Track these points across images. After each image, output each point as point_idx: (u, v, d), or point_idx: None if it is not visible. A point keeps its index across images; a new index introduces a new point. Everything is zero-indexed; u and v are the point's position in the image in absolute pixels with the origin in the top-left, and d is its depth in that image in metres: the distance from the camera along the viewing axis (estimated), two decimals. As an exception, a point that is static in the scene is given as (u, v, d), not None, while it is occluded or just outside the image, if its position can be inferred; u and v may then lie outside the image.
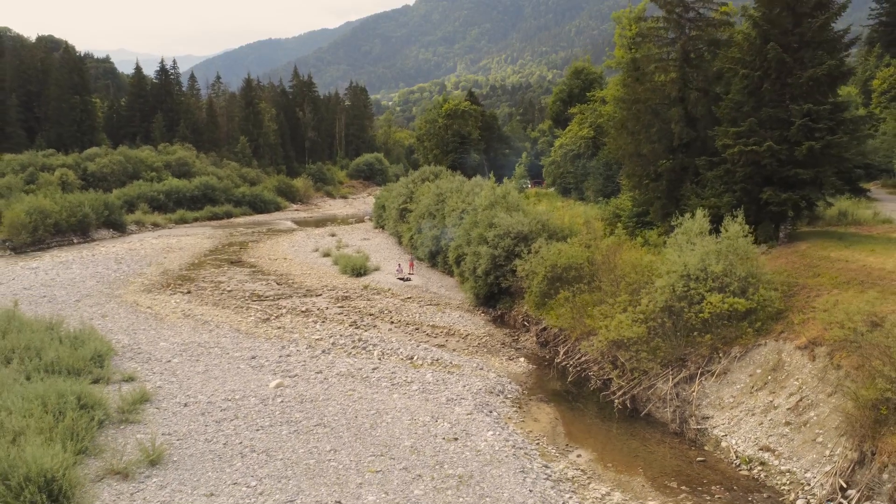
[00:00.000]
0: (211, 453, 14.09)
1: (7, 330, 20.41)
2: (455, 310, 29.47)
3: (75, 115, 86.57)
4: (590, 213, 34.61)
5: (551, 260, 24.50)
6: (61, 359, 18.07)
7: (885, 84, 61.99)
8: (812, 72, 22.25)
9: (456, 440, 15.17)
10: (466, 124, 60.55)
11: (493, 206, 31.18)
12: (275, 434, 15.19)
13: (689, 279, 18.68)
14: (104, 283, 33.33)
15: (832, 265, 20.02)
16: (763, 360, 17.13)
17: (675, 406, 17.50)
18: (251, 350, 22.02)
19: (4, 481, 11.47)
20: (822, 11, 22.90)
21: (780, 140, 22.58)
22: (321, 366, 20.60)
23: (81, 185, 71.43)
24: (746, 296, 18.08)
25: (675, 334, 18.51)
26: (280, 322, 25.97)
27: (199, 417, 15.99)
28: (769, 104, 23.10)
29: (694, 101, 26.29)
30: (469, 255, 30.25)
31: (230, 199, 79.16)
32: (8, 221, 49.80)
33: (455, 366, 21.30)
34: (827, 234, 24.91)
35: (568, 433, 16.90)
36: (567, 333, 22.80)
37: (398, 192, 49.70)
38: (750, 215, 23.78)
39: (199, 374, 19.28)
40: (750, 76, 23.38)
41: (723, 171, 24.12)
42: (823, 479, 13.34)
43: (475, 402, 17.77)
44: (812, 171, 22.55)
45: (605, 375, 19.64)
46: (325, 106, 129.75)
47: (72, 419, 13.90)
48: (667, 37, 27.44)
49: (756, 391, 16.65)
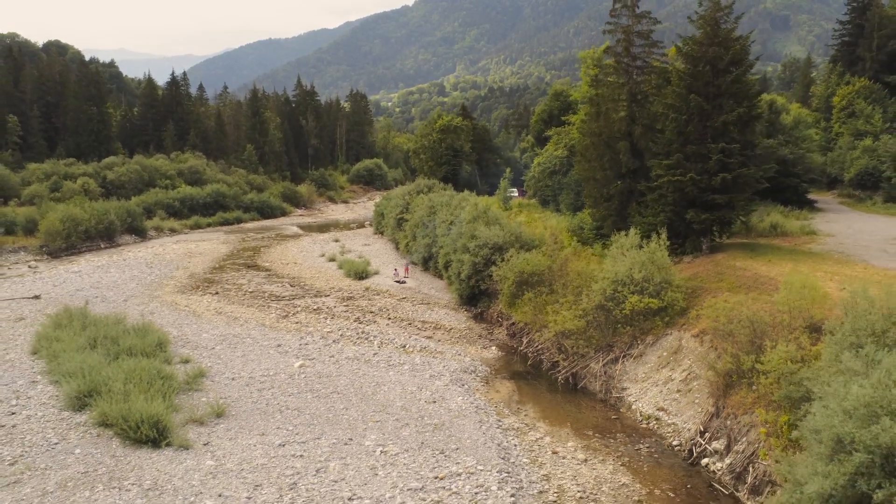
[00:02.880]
0: (257, 410, 19.64)
1: (86, 324, 25.97)
2: (442, 308, 35.02)
3: (92, 125, 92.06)
4: (560, 225, 40.09)
5: (519, 267, 30.02)
6: (134, 345, 23.56)
7: (843, 101, 67.61)
8: (725, 117, 27.76)
9: (434, 403, 20.73)
10: (459, 138, 66.16)
11: (475, 220, 36.71)
12: (302, 398, 20.74)
13: (618, 284, 24.20)
14: (143, 285, 38.87)
15: (734, 272, 25.54)
16: (668, 346, 22.66)
17: (603, 381, 23.05)
18: (276, 340, 27.58)
19: (126, 422, 17.02)
20: (736, 67, 28.44)
21: (700, 171, 28.09)
22: (333, 352, 26.15)
23: (102, 192, 77.00)
24: (660, 297, 23.59)
25: (606, 326, 24.05)
26: (297, 318, 31.52)
27: (244, 387, 21.54)
28: (693, 142, 28.58)
29: (639, 136, 31.78)
30: (455, 261, 35.80)
31: (240, 206, 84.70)
32: (44, 228, 55.36)
33: (439, 352, 26.85)
34: (744, 246, 30.43)
35: (520, 400, 22.43)
36: (529, 327, 28.35)
37: (395, 203, 55.27)
38: (680, 231, 29.47)
39: (239, 358, 24.83)
40: (678, 119, 28.90)
41: (658, 196, 29.66)
42: (692, 426, 18.89)
43: (451, 377, 23.32)
44: (726, 196, 28.06)
45: (554, 359, 25.21)
46: (327, 113, 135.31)
47: (159, 385, 19.45)
48: (618, 81, 32.93)
49: (661, 368, 22.19)
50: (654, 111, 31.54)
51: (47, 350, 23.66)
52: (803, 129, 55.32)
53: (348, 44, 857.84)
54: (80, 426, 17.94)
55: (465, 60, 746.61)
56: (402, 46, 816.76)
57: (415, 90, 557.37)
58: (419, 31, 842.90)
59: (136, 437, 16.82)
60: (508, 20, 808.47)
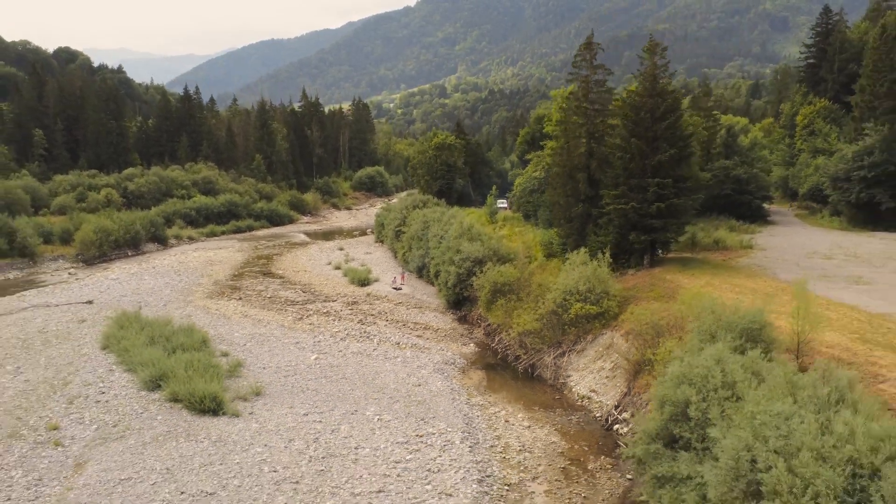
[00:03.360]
0: (285, 391, 26.00)
1: (143, 325, 32.37)
2: (432, 311, 41.39)
3: (112, 137, 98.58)
4: (536, 239, 46.38)
5: (494, 278, 36.36)
6: (185, 342, 29.92)
7: (805, 120, 73.87)
8: (660, 157, 34.02)
9: (419, 386, 27.08)
10: (452, 155, 72.52)
11: (461, 236, 43.07)
12: (318, 382, 27.10)
13: (567, 293, 30.51)
14: (176, 291, 45.27)
15: (662, 284, 31.81)
16: (603, 343, 28.97)
17: (553, 370, 29.38)
18: (294, 338, 33.94)
19: (192, 397, 23.38)
20: (670, 115, 34.69)
21: (640, 201, 34.33)
22: (341, 348, 32.51)
23: (123, 202, 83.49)
24: (598, 304, 29.87)
25: (557, 327, 30.37)
26: (310, 320, 37.89)
27: (273, 374, 27.91)
28: (635, 177, 34.83)
29: (595, 169, 38.03)
30: (443, 271, 42.17)
31: (250, 214, 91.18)
32: (79, 238, 61.90)
33: (426, 348, 33.20)
34: (681, 260, 36.70)
35: (487, 385, 28.76)
36: (501, 327, 34.68)
37: (394, 217, 61.65)
38: (626, 249, 35.77)
39: (266, 352, 31.21)
40: (623, 157, 35.18)
41: (607, 219, 35.95)
42: (610, 402, 25.22)
43: (434, 367, 29.69)
44: (661, 221, 34.30)
45: (516, 353, 31.55)
46: (331, 121, 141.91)
47: (211, 372, 25.84)
48: (578, 121, 39.20)
49: (596, 360, 28.50)
50: (608, 148, 37.81)
51: (116, 346, 30.04)
52: (758, 151, 61.70)
53: (350, 44, 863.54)
54: (156, 401, 24.33)
55: (467, 61, 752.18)
56: (404, 47, 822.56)
57: (416, 91, 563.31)
58: (421, 32, 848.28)
59: (201, 408, 23.20)
60: (510, 21, 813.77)
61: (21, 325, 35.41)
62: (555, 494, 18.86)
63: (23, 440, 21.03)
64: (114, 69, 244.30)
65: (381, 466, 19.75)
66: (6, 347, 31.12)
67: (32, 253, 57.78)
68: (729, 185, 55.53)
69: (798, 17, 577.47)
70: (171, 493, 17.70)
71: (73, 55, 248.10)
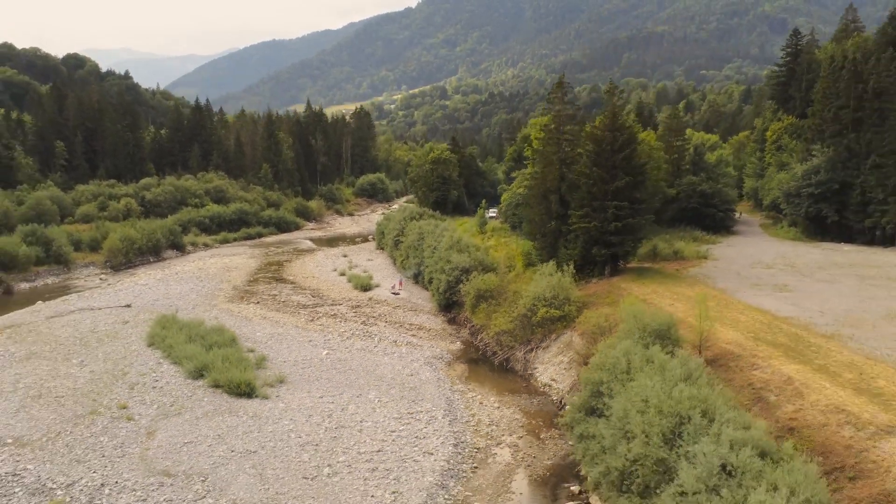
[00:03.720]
0: (303, 379, 32.15)
1: (181, 326, 38.54)
2: (425, 314, 47.52)
3: (128, 149, 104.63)
4: (518, 249, 52.46)
5: (478, 285, 42.49)
6: (218, 340, 36.04)
7: (774, 135, 79.90)
8: (618, 183, 40.11)
9: (411, 376, 33.23)
10: (448, 169, 78.74)
11: (451, 248, 49.21)
12: (329, 373, 33.25)
13: (535, 299, 36.61)
14: (201, 296, 51.44)
15: (617, 291, 37.90)
16: (564, 341, 35.07)
17: (523, 363, 35.50)
18: (308, 337, 40.10)
19: (230, 384, 29.53)
20: (626, 148, 40.75)
21: (601, 220, 40.41)
22: (347, 345, 38.66)
23: (142, 211, 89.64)
24: (561, 309, 35.96)
25: (527, 328, 36.47)
26: (320, 322, 44.04)
27: (293, 367, 34.06)
28: (597, 199, 40.87)
29: (565, 191, 44.11)
30: (435, 278, 48.31)
31: (259, 221, 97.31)
32: (107, 246, 68.10)
33: (419, 345, 39.34)
34: (638, 270, 42.80)
35: (468, 376, 34.87)
36: (483, 328, 40.79)
37: (393, 227, 67.84)
38: (590, 261, 41.87)
39: (285, 349, 37.36)
40: (587, 182, 41.27)
41: (574, 235, 42.05)
42: (565, 387, 31.33)
43: (424, 361, 35.84)
44: (619, 237, 40.39)
45: (494, 349, 37.69)
46: (333, 129, 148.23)
47: (243, 364, 31.99)
48: (552, 150, 45.30)
49: (558, 355, 34.61)
50: (575, 175, 43.89)
51: (161, 343, 36.20)
52: (723, 168, 67.75)
53: (352, 45, 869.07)
54: (201, 387, 30.49)
55: (468, 62, 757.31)
56: (405, 48, 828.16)
57: (417, 93, 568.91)
58: (422, 33, 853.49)
59: (237, 392, 29.34)
60: (510, 22, 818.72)
61: (74, 326, 41.57)
62: (512, 455, 25.00)
63: (102, 416, 27.19)
64: (121, 75, 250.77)
65: (379, 434, 25.91)
66: (67, 345, 37.29)
67: (67, 260, 63.97)
68: (696, 198, 61.73)
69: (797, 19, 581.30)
70: (224, 451, 23.87)
71: (81, 61, 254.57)
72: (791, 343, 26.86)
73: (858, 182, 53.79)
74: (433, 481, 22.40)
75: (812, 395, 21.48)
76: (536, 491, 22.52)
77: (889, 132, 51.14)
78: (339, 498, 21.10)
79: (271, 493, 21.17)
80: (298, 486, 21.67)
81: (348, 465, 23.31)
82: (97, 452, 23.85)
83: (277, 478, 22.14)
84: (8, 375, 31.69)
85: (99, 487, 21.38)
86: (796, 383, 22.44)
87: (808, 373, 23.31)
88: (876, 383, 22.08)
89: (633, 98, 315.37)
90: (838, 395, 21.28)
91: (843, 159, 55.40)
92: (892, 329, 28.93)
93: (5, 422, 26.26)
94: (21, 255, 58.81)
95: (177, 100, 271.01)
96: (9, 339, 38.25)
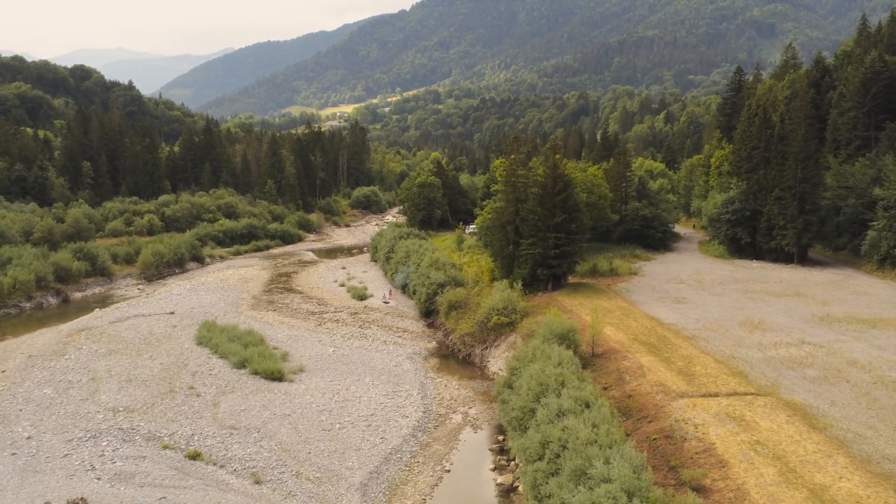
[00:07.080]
0: (317, 369, 44.08)
1: (221, 329, 50.37)
2: (410, 319, 59.46)
3: (147, 168, 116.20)
4: (487, 266, 64.45)
5: (449, 297, 54.45)
6: (251, 341, 47.85)
7: (717, 161, 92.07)
8: (557, 219, 52.07)
9: (396, 367, 45.21)
10: (433, 191, 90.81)
11: (430, 266, 61.17)
12: (336, 364, 45.16)
13: (490, 309, 48.54)
14: (228, 304, 63.24)
15: (554, 303, 49.86)
16: (510, 341, 46.98)
17: (480, 358, 47.47)
18: (318, 338, 51.96)
19: (266, 371, 41.50)
20: (564, 191, 52.69)
21: (545, 248, 52.37)
22: (348, 344, 50.56)
23: (162, 226, 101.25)
24: (510, 317, 47.87)
25: (484, 331, 48.42)
26: (326, 326, 55.92)
27: (308, 360, 45.97)
28: (542, 231, 52.83)
29: (519, 223, 56.05)
30: (418, 291, 60.26)
31: (266, 234, 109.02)
32: (142, 260, 79.82)
33: (403, 344, 51.27)
34: (575, 286, 54.79)
35: (440, 367, 46.80)
36: (453, 331, 52.73)
37: (385, 243, 79.76)
38: (537, 279, 53.90)
39: (301, 347, 49.24)
40: (534, 217, 53.23)
41: (524, 259, 54.03)
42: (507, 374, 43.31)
43: (406, 356, 47.80)
44: (558, 261, 52.41)
45: (459, 347, 49.68)
46: (331, 144, 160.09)
47: (273, 358, 43.89)
48: (508, 189, 57.22)
49: (505, 351, 46.51)
50: (525, 211, 55.84)
51: (208, 342, 47.97)
52: (663, 195, 79.96)
53: (346, 48, 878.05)
54: (244, 374, 42.34)
55: (461, 65, 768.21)
56: (400, 51, 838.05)
57: (411, 97, 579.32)
58: (415, 36, 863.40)
59: (272, 378, 41.22)
60: (504, 25, 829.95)
61: (134, 329, 53.32)
62: (462, 418, 36.99)
63: (178, 393, 39.02)
64: (125, 85, 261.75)
65: (372, 405, 37.90)
66: (135, 344, 49.06)
67: (109, 273, 75.69)
68: (638, 221, 73.94)
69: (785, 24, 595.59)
70: (268, 415, 35.80)
71: (88, 73, 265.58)
72: (658, 343, 38.93)
73: (766, 210, 65.98)
74: (408, 433, 34.40)
75: (650, 375, 33.56)
76: (475, 439, 34.52)
77: (788, 170, 63.36)
78: (347, 442, 33.06)
79: (303, 438, 33.13)
80: (320, 435, 33.62)
81: (352, 423, 35.30)
82: (183, 415, 35.71)
83: (306, 430, 34.11)
84: (101, 366, 43.52)
85: (190, 436, 33.24)
86: (644, 368, 34.55)
87: (656, 362, 35.39)
88: (694, 369, 34.17)
89: (619, 105, 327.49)
90: (665, 375, 33.36)
91: (754, 191, 67.62)
92: (739, 332, 41.04)
93: (113, 397, 38.11)
94: (74, 269, 70.47)
95: (180, 109, 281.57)
96: (88, 339, 50.02)
